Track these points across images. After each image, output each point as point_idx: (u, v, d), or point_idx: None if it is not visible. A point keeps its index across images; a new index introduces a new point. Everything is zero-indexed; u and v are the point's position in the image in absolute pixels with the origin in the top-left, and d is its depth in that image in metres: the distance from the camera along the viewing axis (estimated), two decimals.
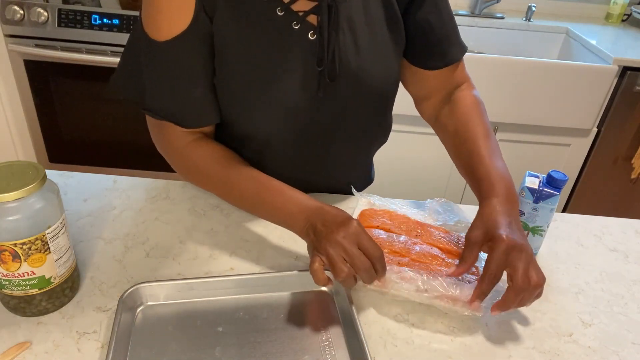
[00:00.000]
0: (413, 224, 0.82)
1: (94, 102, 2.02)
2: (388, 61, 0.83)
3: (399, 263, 0.73)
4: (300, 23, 0.75)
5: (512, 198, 0.73)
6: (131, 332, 0.64)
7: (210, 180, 0.80)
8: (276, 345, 0.63)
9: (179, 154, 0.80)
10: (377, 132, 0.93)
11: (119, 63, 0.79)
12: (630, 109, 1.92)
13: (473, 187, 0.79)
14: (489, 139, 0.81)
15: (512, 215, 0.71)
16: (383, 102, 0.88)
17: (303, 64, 0.77)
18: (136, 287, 0.67)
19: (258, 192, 0.76)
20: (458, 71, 0.89)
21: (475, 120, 0.84)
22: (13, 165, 0.61)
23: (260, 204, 0.76)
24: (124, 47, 0.79)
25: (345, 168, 0.93)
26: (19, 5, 1.82)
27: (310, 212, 0.70)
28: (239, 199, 0.79)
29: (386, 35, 0.82)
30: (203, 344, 0.63)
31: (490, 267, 0.65)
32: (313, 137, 0.84)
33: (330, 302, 0.71)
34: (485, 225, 0.70)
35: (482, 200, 0.74)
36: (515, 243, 0.66)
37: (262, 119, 0.79)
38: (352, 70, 0.79)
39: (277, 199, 0.74)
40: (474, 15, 2.24)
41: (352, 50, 0.78)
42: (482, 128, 0.83)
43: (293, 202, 0.73)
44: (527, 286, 0.64)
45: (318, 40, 0.76)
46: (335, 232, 0.65)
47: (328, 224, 0.67)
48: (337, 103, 0.81)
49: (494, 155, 0.79)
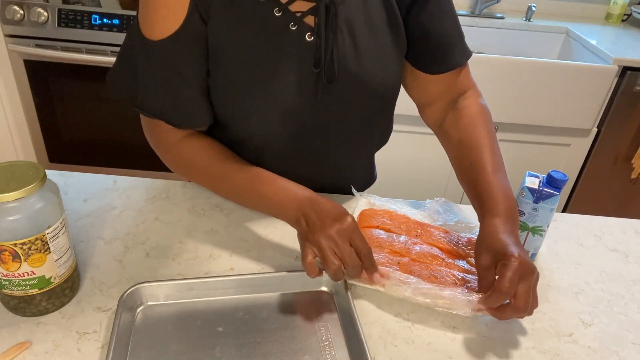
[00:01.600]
0: (413, 224, 0.82)
1: (94, 102, 2.02)
2: (389, 63, 0.82)
3: (399, 263, 0.73)
4: (297, 24, 0.75)
5: (514, 218, 0.72)
6: (131, 332, 0.64)
7: (202, 173, 0.81)
8: (276, 345, 0.63)
9: (170, 149, 0.81)
10: (378, 134, 0.93)
11: (114, 61, 0.80)
12: (630, 109, 1.92)
13: (473, 201, 0.77)
14: (494, 152, 0.79)
15: (515, 235, 0.70)
16: (384, 105, 0.87)
17: (300, 65, 0.76)
18: (136, 287, 0.67)
19: (249, 183, 0.77)
20: (462, 77, 0.87)
21: (480, 131, 0.82)
22: (13, 165, 0.61)
23: (251, 194, 0.78)
24: (120, 45, 0.79)
25: (346, 169, 0.93)
26: (19, 5, 1.82)
27: (303, 202, 0.72)
28: (231, 190, 0.80)
29: (387, 37, 0.81)
30: (203, 344, 0.63)
31: (503, 284, 0.63)
32: (311, 139, 0.84)
33: (331, 302, 0.71)
34: (492, 247, 0.68)
35: (484, 219, 0.72)
36: (528, 263, 0.65)
37: (258, 120, 0.79)
38: (351, 72, 0.78)
39: (268, 188, 0.76)
40: (474, 15, 2.24)
41: (351, 52, 0.78)
42: (487, 140, 0.80)
43: (285, 191, 0.75)
44: (526, 308, 0.64)
45: (315, 42, 0.75)
46: (329, 227, 0.66)
47: (322, 217, 0.68)
48: (336, 105, 0.81)
49: (498, 170, 0.77)
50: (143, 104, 0.77)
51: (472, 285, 0.71)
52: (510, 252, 0.65)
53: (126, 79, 0.78)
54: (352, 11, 0.77)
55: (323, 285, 0.73)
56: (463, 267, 0.75)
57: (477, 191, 0.76)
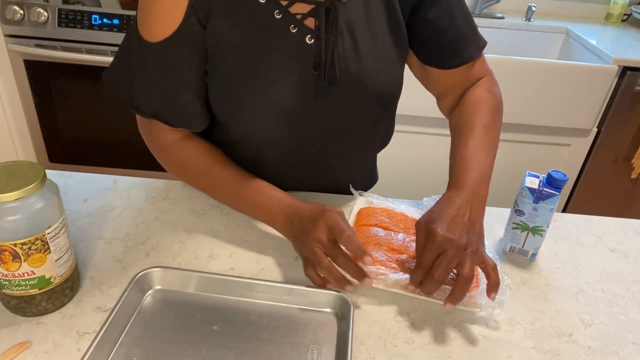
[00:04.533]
0: (411, 222, 0.82)
1: (94, 102, 2.02)
2: (390, 65, 0.82)
3: (397, 260, 0.74)
4: (297, 27, 0.74)
5: (479, 193, 0.72)
6: (135, 312, 0.67)
7: (195, 176, 0.84)
8: (262, 356, 0.62)
9: (166, 150, 0.83)
10: (379, 136, 0.93)
11: (112, 60, 0.80)
12: (630, 109, 1.92)
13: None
14: (482, 133, 0.78)
15: (465, 209, 0.69)
16: (385, 107, 0.86)
17: (300, 68, 0.76)
18: (149, 271, 0.70)
19: (239, 190, 0.80)
20: (476, 67, 0.87)
21: (476, 116, 0.81)
22: (13, 165, 0.61)
23: (241, 201, 0.81)
24: (119, 45, 0.80)
25: (347, 171, 0.93)
26: (19, 5, 1.82)
27: (289, 210, 0.75)
28: (223, 195, 0.84)
29: (388, 39, 0.80)
30: (194, 338, 0.64)
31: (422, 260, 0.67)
32: (311, 141, 0.84)
33: (332, 326, 0.67)
34: (431, 214, 0.69)
35: (447, 188, 0.74)
36: (452, 240, 0.65)
37: (257, 122, 0.79)
38: (351, 74, 0.78)
39: (257, 197, 0.79)
40: (474, 15, 2.23)
41: (351, 55, 0.77)
42: (479, 123, 0.80)
43: (272, 201, 0.78)
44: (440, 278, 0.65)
45: (315, 45, 0.75)
46: (311, 231, 0.69)
47: (304, 222, 0.71)
48: (337, 108, 0.81)
49: (482, 148, 0.77)
50: (140, 104, 0.78)
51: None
52: (432, 228, 0.66)
53: (122, 79, 0.79)
54: (353, 13, 0.76)
55: (330, 306, 0.70)
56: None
57: (451, 163, 0.77)
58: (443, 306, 0.68)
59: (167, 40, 0.72)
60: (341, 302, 0.68)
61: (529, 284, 0.78)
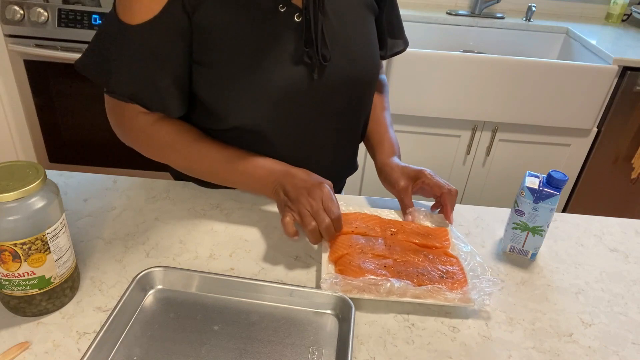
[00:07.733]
0: (386, 223, 0.83)
1: (94, 102, 2.02)
2: (372, 44, 0.89)
3: (386, 266, 0.73)
4: (286, 5, 0.78)
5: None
6: (136, 311, 0.67)
7: (179, 154, 0.84)
8: (263, 357, 0.62)
9: (143, 132, 0.82)
10: (363, 119, 0.97)
11: (89, 43, 0.80)
12: (630, 109, 1.92)
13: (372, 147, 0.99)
14: (388, 112, 1.04)
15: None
16: (368, 84, 0.91)
17: (291, 46, 0.79)
18: (152, 270, 0.70)
19: (228, 161, 0.82)
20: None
21: (381, 98, 1.04)
22: (13, 165, 0.61)
23: (230, 172, 0.83)
24: (96, 29, 0.80)
25: (334, 155, 0.95)
26: (19, 5, 1.82)
27: (280, 175, 0.80)
28: (209, 169, 0.84)
29: (368, 18, 0.88)
30: (195, 338, 0.64)
31: (443, 187, 0.85)
32: (302, 120, 0.86)
33: (333, 328, 0.68)
34: (405, 174, 0.88)
35: (387, 158, 0.93)
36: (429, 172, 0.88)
37: (251, 102, 0.80)
38: (340, 50, 0.82)
39: (246, 165, 0.82)
40: (474, 15, 2.24)
41: (339, 32, 0.82)
42: (383, 103, 1.04)
43: (261, 167, 0.82)
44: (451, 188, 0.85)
45: (304, 22, 0.78)
46: (305, 195, 0.76)
47: (299, 187, 0.77)
48: (330, 85, 0.83)
49: (391, 126, 1.02)
50: (117, 87, 0.78)
51: (458, 276, 0.73)
52: (421, 170, 0.88)
53: (98, 62, 0.78)
54: None
55: (331, 308, 0.70)
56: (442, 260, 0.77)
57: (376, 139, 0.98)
58: (442, 306, 0.68)
59: (147, 23, 0.73)
60: (342, 304, 0.68)
61: (529, 284, 0.78)
